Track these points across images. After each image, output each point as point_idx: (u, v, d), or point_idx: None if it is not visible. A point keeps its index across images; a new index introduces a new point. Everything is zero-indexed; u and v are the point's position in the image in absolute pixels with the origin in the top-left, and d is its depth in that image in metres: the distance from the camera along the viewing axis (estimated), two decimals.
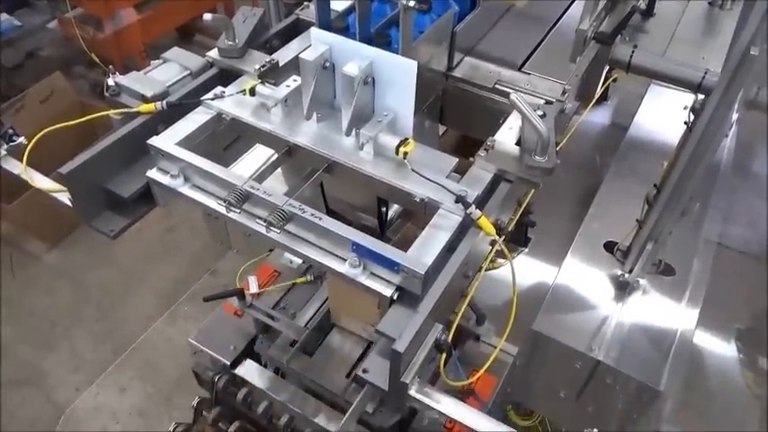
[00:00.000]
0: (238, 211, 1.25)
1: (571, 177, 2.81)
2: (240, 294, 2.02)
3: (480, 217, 1.19)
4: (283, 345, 2.09)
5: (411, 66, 1.23)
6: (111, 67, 1.60)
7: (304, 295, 2.24)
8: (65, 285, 3.93)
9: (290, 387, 2.07)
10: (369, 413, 1.85)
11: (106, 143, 1.42)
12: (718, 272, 2.40)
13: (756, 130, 3.87)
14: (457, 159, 1.32)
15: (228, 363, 2.12)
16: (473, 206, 1.19)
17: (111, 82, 1.56)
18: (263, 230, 1.23)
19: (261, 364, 2.20)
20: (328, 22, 1.41)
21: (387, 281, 1.16)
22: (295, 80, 1.41)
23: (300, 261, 2.47)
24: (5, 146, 1.56)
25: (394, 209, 1.77)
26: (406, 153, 1.25)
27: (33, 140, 1.45)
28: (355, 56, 1.27)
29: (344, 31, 1.37)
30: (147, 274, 3.96)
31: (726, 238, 3.67)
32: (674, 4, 2.22)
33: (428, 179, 1.23)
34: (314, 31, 1.34)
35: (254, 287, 2.12)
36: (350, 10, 1.43)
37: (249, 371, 2.12)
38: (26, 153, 1.48)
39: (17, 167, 1.53)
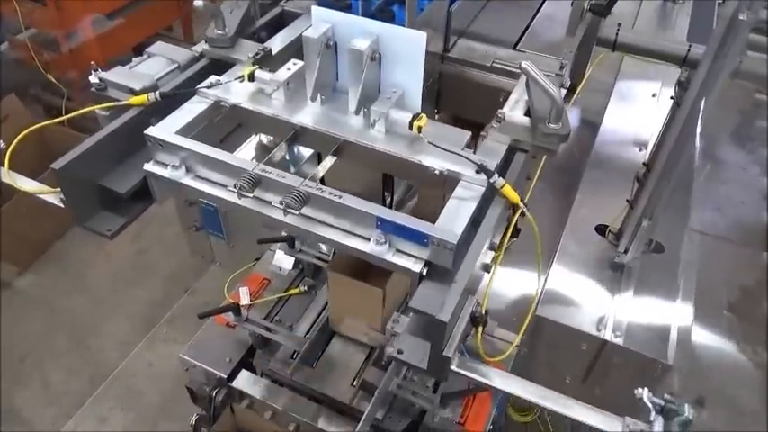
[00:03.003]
0: (251, 196, 1.18)
1: (548, 178, 2.82)
2: (235, 309, 1.94)
3: (504, 185, 1.16)
4: (284, 357, 2.04)
5: (420, 38, 1.20)
6: (93, 63, 1.52)
7: (298, 306, 2.19)
8: (33, 314, 3.72)
9: (290, 394, 1.99)
10: (378, 419, 1.81)
11: (96, 138, 1.34)
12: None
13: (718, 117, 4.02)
14: (470, 133, 1.29)
15: (225, 376, 2.03)
16: (495, 174, 1.16)
17: (94, 79, 1.48)
18: (279, 215, 1.17)
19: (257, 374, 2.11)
20: (329, 2, 1.37)
21: (414, 257, 1.11)
22: (295, 63, 1.37)
23: (290, 268, 2.40)
24: None
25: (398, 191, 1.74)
26: (420, 127, 1.22)
27: (15, 141, 1.35)
28: (359, 32, 1.23)
29: (346, 10, 1.33)
30: (120, 298, 3.79)
31: (695, 223, 3.77)
32: (628, 2, 2.29)
33: (448, 151, 1.19)
34: (315, 9, 1.30)
35: (245, 298, 2.05)
36: None
37: (247, 382, 2.04)
38: (8, 156, 1.38)
39: None
